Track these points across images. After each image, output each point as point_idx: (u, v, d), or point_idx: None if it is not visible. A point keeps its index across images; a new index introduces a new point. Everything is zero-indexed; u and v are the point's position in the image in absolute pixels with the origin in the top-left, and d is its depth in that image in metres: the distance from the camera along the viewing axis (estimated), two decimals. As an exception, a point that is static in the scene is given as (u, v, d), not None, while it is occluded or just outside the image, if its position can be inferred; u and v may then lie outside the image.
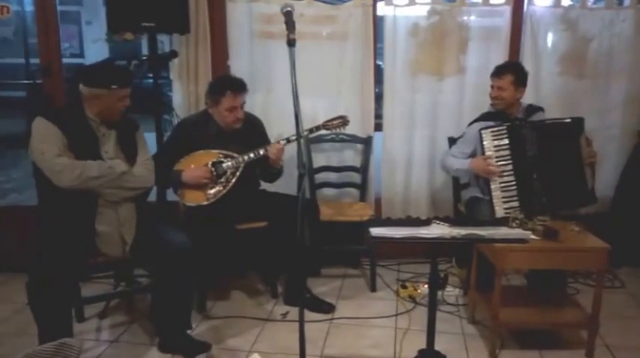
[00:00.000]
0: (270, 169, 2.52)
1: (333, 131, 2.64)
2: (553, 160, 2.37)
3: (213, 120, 2.48)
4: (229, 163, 2.42)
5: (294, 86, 1.64)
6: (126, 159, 2.08)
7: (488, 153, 2.42)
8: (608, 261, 2.11)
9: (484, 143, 2.42)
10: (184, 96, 2.89)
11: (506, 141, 2.40)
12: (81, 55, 10.06)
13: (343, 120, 2.57)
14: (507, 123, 2.42)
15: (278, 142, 2.47)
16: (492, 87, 2.53)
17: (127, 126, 2.14)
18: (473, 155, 2.55)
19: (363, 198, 3.04)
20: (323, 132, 2.65)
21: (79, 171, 1.93)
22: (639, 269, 2.98)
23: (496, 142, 2.41)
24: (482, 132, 2.43)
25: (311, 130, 2.53)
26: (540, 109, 2.59)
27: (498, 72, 2.51)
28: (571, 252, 2.12)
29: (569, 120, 2.44)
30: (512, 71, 2.48)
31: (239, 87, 2.43)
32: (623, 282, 2.88)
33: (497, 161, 2.40)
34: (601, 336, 2.25)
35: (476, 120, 2.60)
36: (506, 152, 2.40)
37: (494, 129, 2.42)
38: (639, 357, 2.22)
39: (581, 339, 2.26)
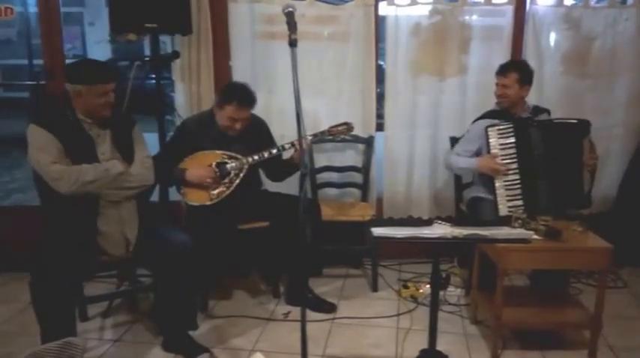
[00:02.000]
0: (291, 166, 2.50)
1: (338, 136, 2.64)
2: (557, 160, 2.36)
3: (215, 121, 2.48)
4: (233, 164, 2.43)
5: (296, 86, 1.64)
6: (123, 159, 2.07)
7: (493, 151, 2.41)
8: (611, 261, 2.10)
9: (490, 141, 2.42)
10: (186, 97, 2.89)
11: (513, 140, 2.40)
12: (84, 56, 10.15)
13: (348, 127, 2.57)
14: (514, 122, 2.41)
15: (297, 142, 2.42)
16: (497, 85, 2.53)
17: (122, 124, 2.13)
18: (477, 153, 2.54)
19: (364, 198, 3.04)
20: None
21: (75, 177, 1.92)
22: (642, 269, 2.98)
23: (502, 140, 2.41)
24: (489, 129, 2.42)
25: (315, 135, 2.53)
26: (546, 111, 2.59)
27: (503, 70, 2.51)
28: (574, 251, 2.11)
29: (575, 121, 2.43)
30: (517, 69, 2.48)
31: (247, 101, 2.41)
32: (625, 282, 2.87)
33: (503, 159, 2.40)
34: (604, 336, 2.24)
35: (481, 118, 2.59)
36: (512, 150, 2.40)
37: (501, 127, 2.42)
38: (642, 357, 2.22)
39: (583, 339, 2.25)
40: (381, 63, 3.04)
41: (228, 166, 2.42)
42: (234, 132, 2.45)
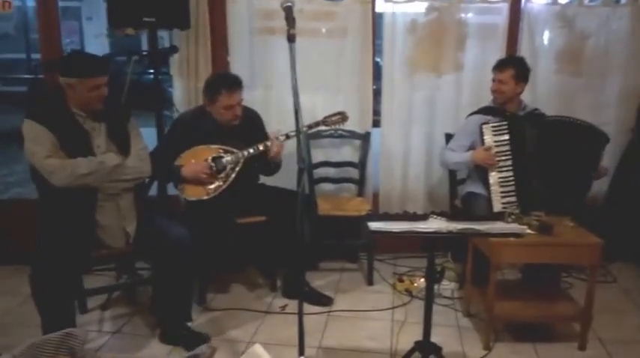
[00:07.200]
0: (270, 164, 2.54)
1: (332, 127, 2.67)
2: (555, 159, 2.38)
3: (209, 115, 2.49)
4: (229, 158, 2.45)
5: (295, 82, 1.65)
6: (118, 151, 2.08)
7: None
8: (601, 256, 2.14)
9: (485, 138, 2.45)
10: (184, 92, 2.91)
11: (507, 137, 2.43)
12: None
13: (342, 116, 2.60)
14: (508, 119, 2.44)
15: (277, 138, 2.47)
16: (493, 80, 2.56)
17: (117, 117, 2.13)
18: (471, 148, 2.57)
19: (361, 193, 3.07)
20: (322, 127, 2.68)
21: (70, 170, 1.93)
22: (631, 264, 3.02)
23: (496, 137, 2.44)
24: (484, 127, 2.46)
25: (310, 126, 2.56)
26: (543, 115, 2.61)
27: (500, 65, 2.53)
28: (565, 246, 2.15)
29: (581, 123, 2.43)
30: (513, 65, 2.50)
31: (234, 85, 2.42)
32: (615, 277, 2.92)
33: (498, 156, 2.43)
34: (593, 329, 2.28)
35: (475, 113, 2.62)
36: (507, 147, 2.43)
37: (495, 124, 2.45)
38: (630, 350, 2.26)
39: (574, 332, 2.30)
40: (378, 59, 3.06)
41: (224, 160, 2.44)
42: (236, 119, 2.46)
